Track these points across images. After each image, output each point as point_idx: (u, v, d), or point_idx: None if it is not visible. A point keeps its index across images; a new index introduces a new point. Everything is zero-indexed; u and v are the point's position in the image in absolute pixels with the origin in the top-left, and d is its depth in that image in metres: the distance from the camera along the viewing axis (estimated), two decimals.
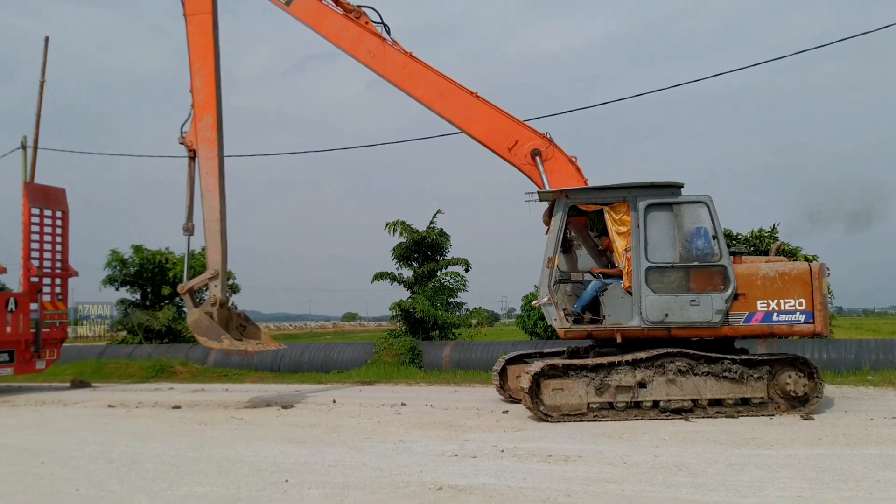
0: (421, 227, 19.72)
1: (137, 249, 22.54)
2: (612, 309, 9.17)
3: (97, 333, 22.75)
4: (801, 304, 8.69)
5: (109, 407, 11.41)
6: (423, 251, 19.88)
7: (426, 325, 18.70)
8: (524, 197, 9.66)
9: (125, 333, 22.55)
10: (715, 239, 8.82)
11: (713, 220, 8.83)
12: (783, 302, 8.71)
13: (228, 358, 16.96)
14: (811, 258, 15.86)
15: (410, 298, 18.97)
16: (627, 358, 8.61)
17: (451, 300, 19.99)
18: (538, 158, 10.01)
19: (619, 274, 9.27)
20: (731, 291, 8.69)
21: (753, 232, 17.66)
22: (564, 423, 8.53)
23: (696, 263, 8.82)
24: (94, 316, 22.30)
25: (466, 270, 20.07)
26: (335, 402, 11.32)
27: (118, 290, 22.63)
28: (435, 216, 19.88)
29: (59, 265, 15.27)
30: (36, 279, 14.77)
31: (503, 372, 10.92)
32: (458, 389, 13.08)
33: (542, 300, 9.19)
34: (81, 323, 22.42)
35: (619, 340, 9.02)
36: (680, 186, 9.14)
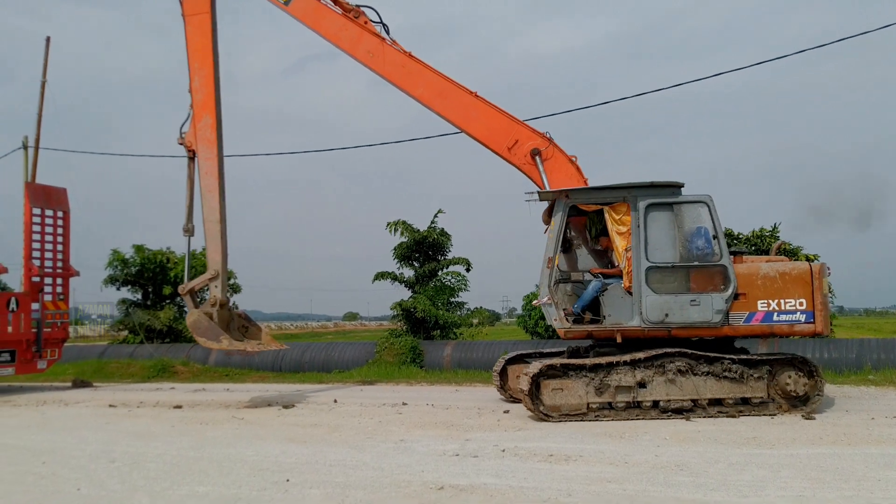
0: (421, 226, 19.75)
1: (138, 249, 22.59)
2: (612, 309, 9.16)
3: (98, 333, 22.80)
4: (801, 303, 8.68)
5: (111, 406, 11.42)
6: (424, 251, 19.90)
7: (427, 324, 18.70)
8: (524, 197, 9.66)
9: (126, 333, 22.59)
10: (715, 239, 8.82)
11: (713, 219, 8.83)
12: (784, 302, 8.70)
13: (230, 358, 16.96)
14: (812, 258, 15.86)
15: (411, 298, 18.98)
16: (626, 358, 8.60)
17: (452, 300, 20.00)
18: (538, 158, 10.01)
19: (619, 274, 9.27)
20: (731, 291, 8.69)
21: (754, 231, 17.63)
22: (565, 422, 8.53)
23: (696, 263, 8.81)
24: (95, 315, 22.37)
25: (467, 270, 20.11)
26: (336, 401, 11.33)
27: (119, 289, 22.75)
28: (436, 216, 19.93)
29: (60, 265, 15.29)
30: (37, 279, 14.79)
31: (503, 372, 10.92)
32: (459, 389, 13.08)
33: (542, 300, 9.19)
34: (83, 323, 22.47)
35: (619, 340, 9.01)
36: (680, 186, 9.14)
